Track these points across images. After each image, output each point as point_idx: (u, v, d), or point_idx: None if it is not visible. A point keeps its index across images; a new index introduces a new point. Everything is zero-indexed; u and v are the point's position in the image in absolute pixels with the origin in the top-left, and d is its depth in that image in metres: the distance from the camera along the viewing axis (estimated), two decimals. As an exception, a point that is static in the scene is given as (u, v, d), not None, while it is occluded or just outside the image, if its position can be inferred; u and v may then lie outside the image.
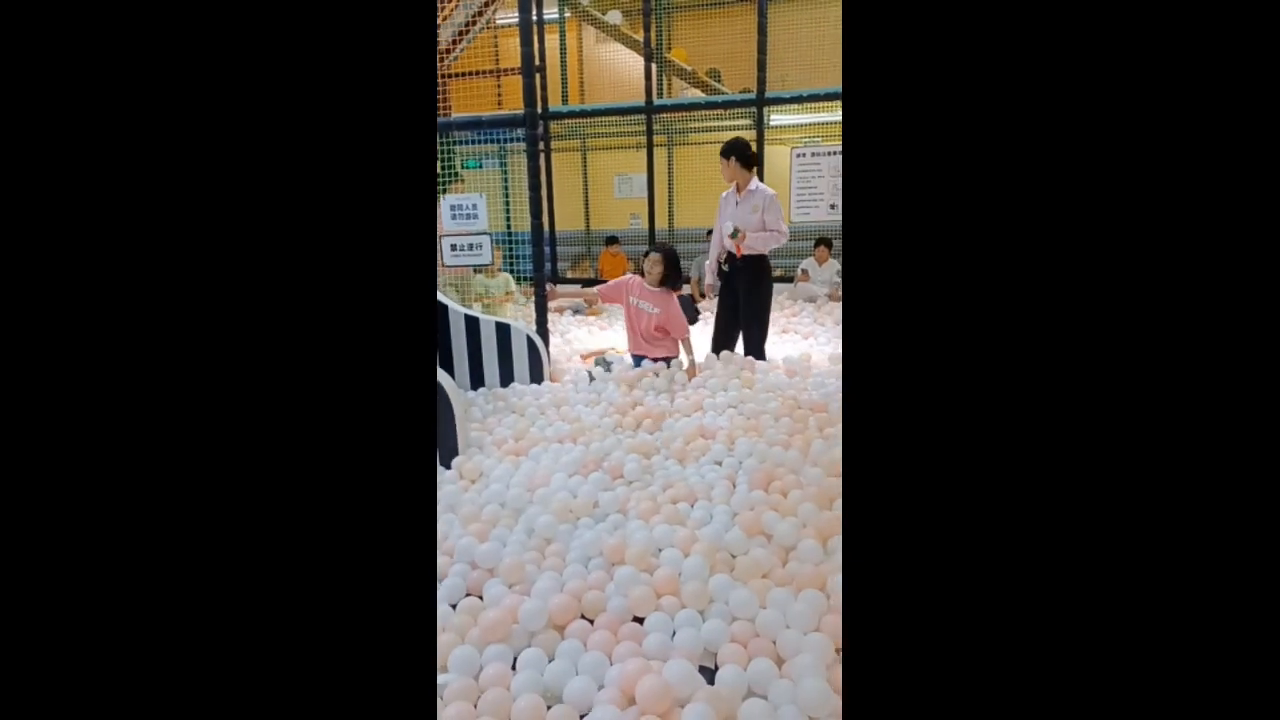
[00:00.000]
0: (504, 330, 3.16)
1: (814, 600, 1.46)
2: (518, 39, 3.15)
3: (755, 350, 3.40)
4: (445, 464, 2.33)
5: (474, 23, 5.10)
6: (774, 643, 1.40)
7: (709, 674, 1.35)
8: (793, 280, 5.77)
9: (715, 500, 1.98)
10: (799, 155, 5.35)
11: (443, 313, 3.13)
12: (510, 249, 4.33)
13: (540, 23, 6.09)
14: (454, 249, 3.27)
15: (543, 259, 3.38)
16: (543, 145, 5.61)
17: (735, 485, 2.07)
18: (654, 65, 6.40)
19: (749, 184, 3.30)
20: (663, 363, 3.22)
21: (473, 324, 3.14)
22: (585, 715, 1.23)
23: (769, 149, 5.84)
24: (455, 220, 3.25)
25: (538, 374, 3.18)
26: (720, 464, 2.21)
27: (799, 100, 6.24)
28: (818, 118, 7.28)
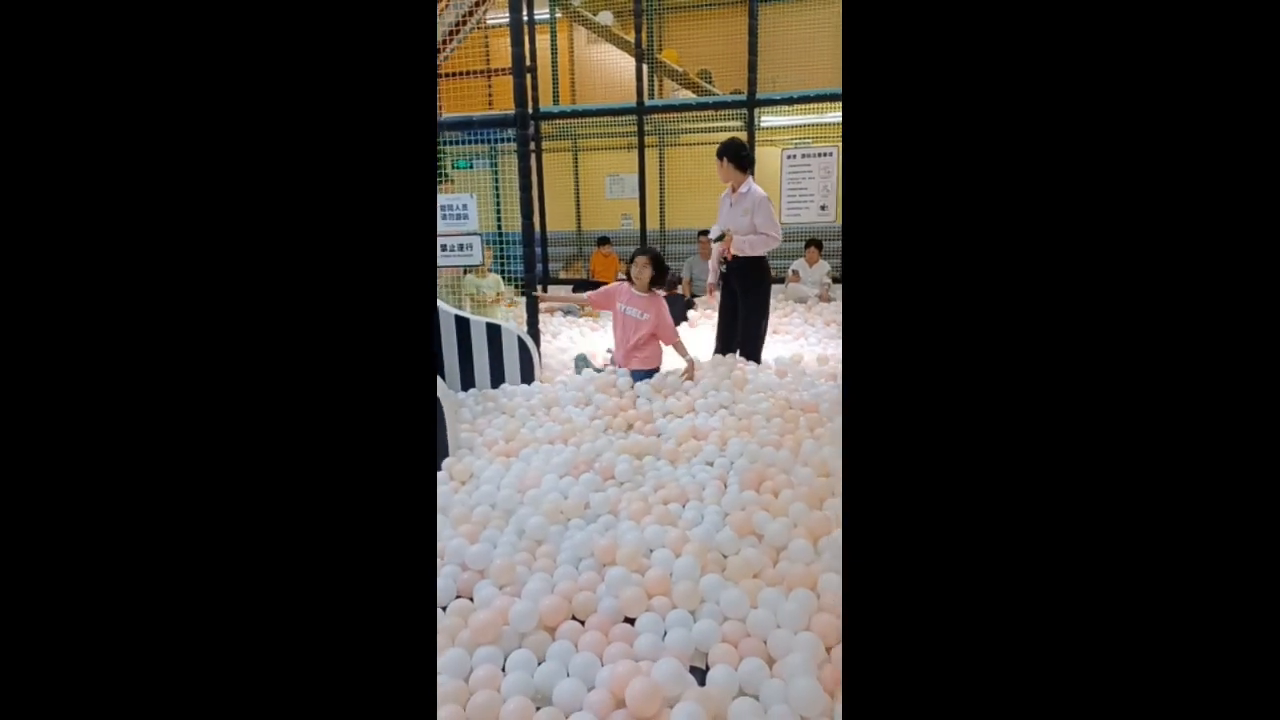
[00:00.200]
0: (494, 331, 3.14)
1: (805, 600, 1.47)
2: (508, 39, 3.14)
3: (748, 351, 3.41)
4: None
5: (464, 22, 5.09)
6: (765, 642, 1.40)
7: (700, 674, 1.34)
8: (784, 281, 5.79)
9: (706, 501, 1.98)
10: (789, 157, 5.37)
11: (433, 313, 3.12)
12: (501, 249, 4.32)
13: (531, 23, 6.08)
14: (444, 249, 3.25)
15: (534, 259, 3.37)
16: (534, 146, 5.60)
17: (726, 486, 2.07)
18: (645, 66, 6.40)
19: (742, 185, 3.30)
20: (647, 379, 3.04)
21: (463, 325, 3.12)
22: (570, 716, 1.22)
23: (760, 150, 5.86)
24: (445, 221, 3.24)
25: (529, 375, 3.17)
26: (712, 464, 2.21)
27: (789, 102, 6.26)
28: (808, 119, 7.31)
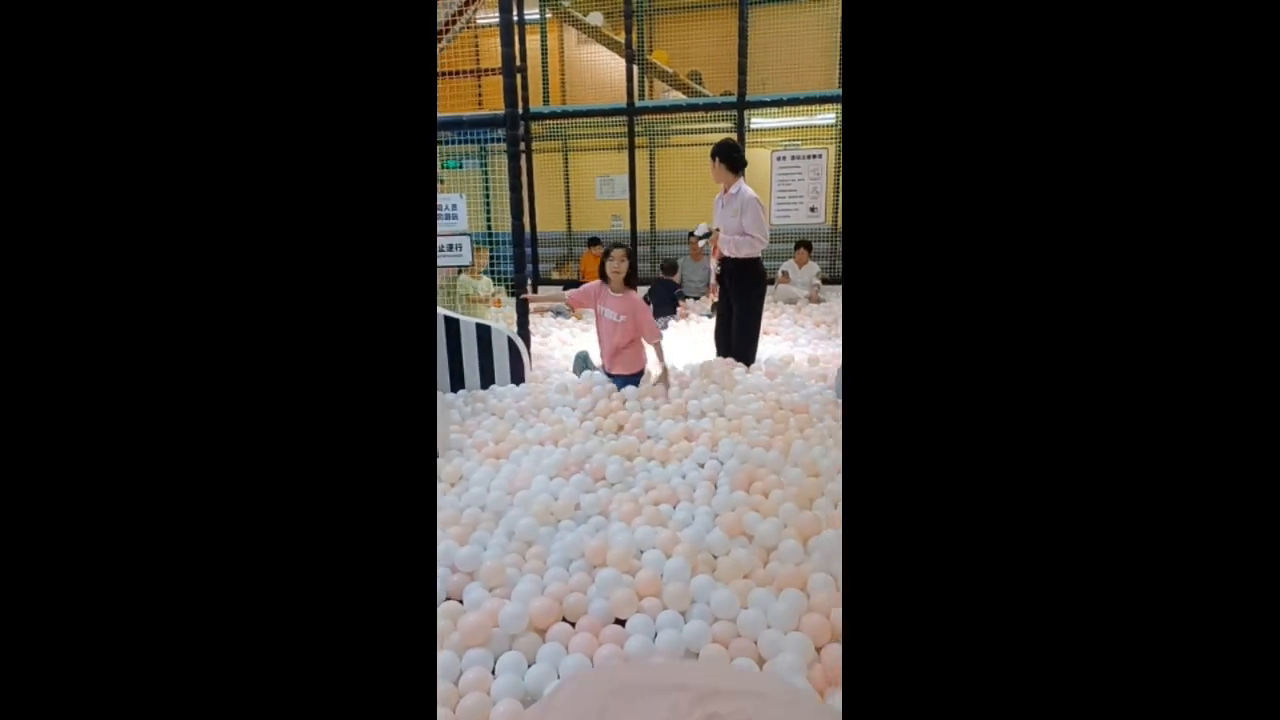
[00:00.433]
0: (484, 332, 3.13)
1: (795, 600, 1.47)
2: (498, 39, 3.13)
3: (740, 353, 3.41)
4: (425, 467, 2.30)
5: (454, 22, 5.07)
6: (755, 642, 1.41)
7: (691, 675, 1.34)
8: (773, 282, 5.81)
9: (697, 501, 1.98)
10: (779, 158, 5.39)
11: (422, 314, 3.09)
12: (491, 250, 4.31)
13: (521, 23, 6.07)
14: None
15: (524, 260, 3.36)
16: (524, 146, 5.59)
17: (717, 486, 2.07)
18: (635, 67, 6.41)
19: (733, 186, 3.31)
20: (630, 384, 2.96)
21: (453, 325, 3.11)
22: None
23: (750, 152, 5.87)
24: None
25: (519, 376, 3.16)
26: (703, 465, 2.21)
27: (779, 104, 6.29)
28: (798, 121, 7.34)
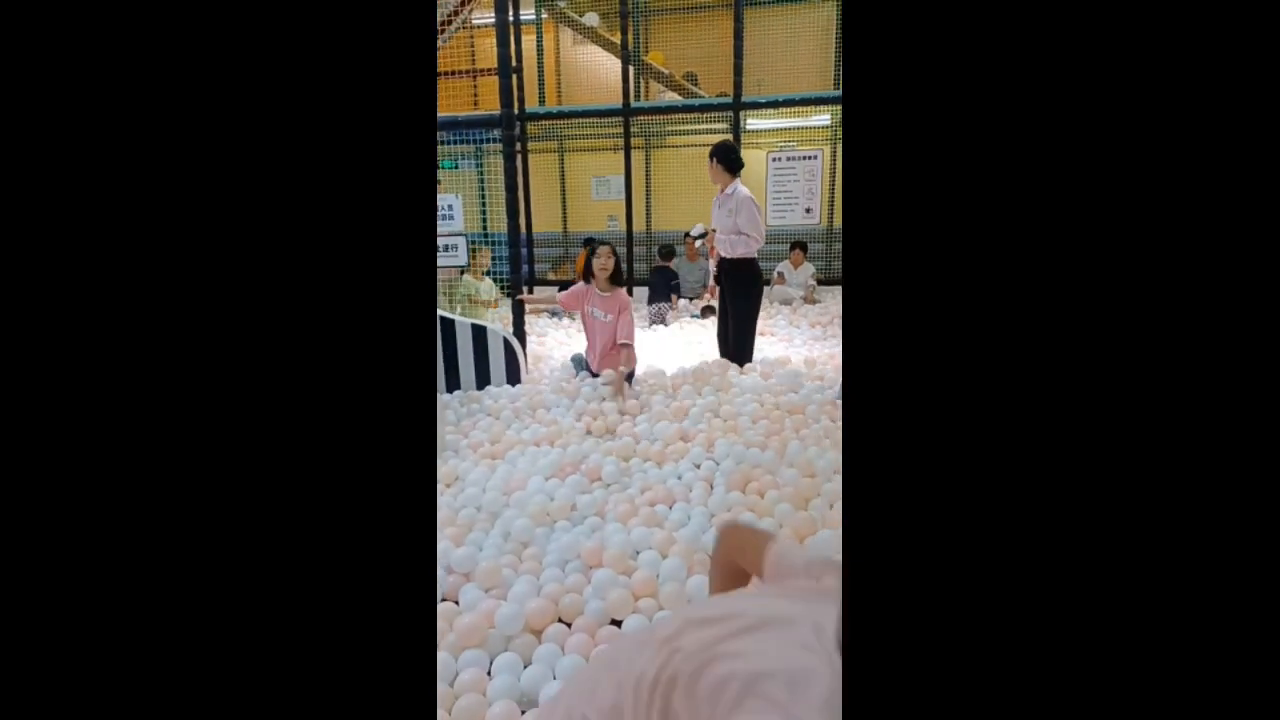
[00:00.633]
0: (480, 332, 3.13)
1: (791, 601, 1.47)
2: (494, 39, 3.13)
3: (734, 353, 3.42)
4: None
5: (449, 22, 5.06)
6: (751, 644, 1.41)
7: (687, 676, 1.34)
8: (769, 283, 5.82)
9: (693, 502, 1.98)
10: (774, 159, 5.39)
11: (418, 315, 3.08)
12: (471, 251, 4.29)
13: (517, 24, 6.07)
14: (429, 250, 3.22)
15: (519, 261, 3.36)
16: (519, 146, 5.58)
17: (713, 487, 2.07)
18: (631, 68, 6.41)
19: (728, 187, 3.33)
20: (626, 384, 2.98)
21: (448, 326, 3.10)
22: None
23: (745, 153, 5.88)
24: (430, 221, 3.21)
25: (514, 377, 3.15)
26: (699, 466, 2.21)
27: (775, 105, 6.30)
28: (793, 122, 7.36)
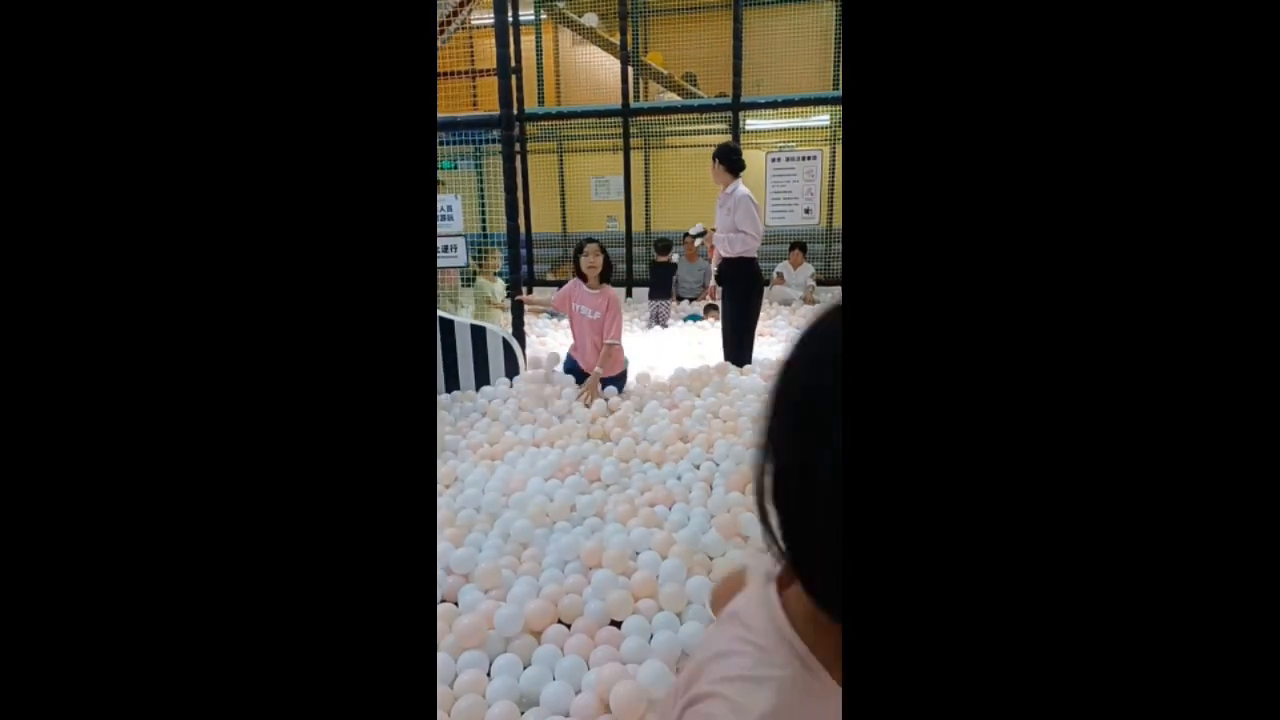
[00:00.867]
0: (479, 333, 3.12)
1: (791, 601, 1.47)
2: (493, 40, 3.13)
3: (732, 353, 3.42)
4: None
5: (449, 23, 5.06)
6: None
7: (687, 677, 1.34)
8: (769, 284, 5.82)
9: (693, 503, 1.98)
10: (774, 160, 5.39)
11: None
12: (476, 252, 4.30)
13: (516, 24, 6.07)
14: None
15: (519, 261, 3.36)
16: (519, 147, 5.58)
17: (712, 488, 2.07)
18: (630, 68, 6.41)
19: (728, 187, 3.38)
20: (613, 385, 2.98)
21: (447, 327, 3.10)
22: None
23: (744, 154, 5.88)
24: (430, 222, 3.21)
25: (514, 377, 3.15)
26: (698, 467, 2.21)
27: (774, 105, 6.30)
28: (793, 123, 7.36)
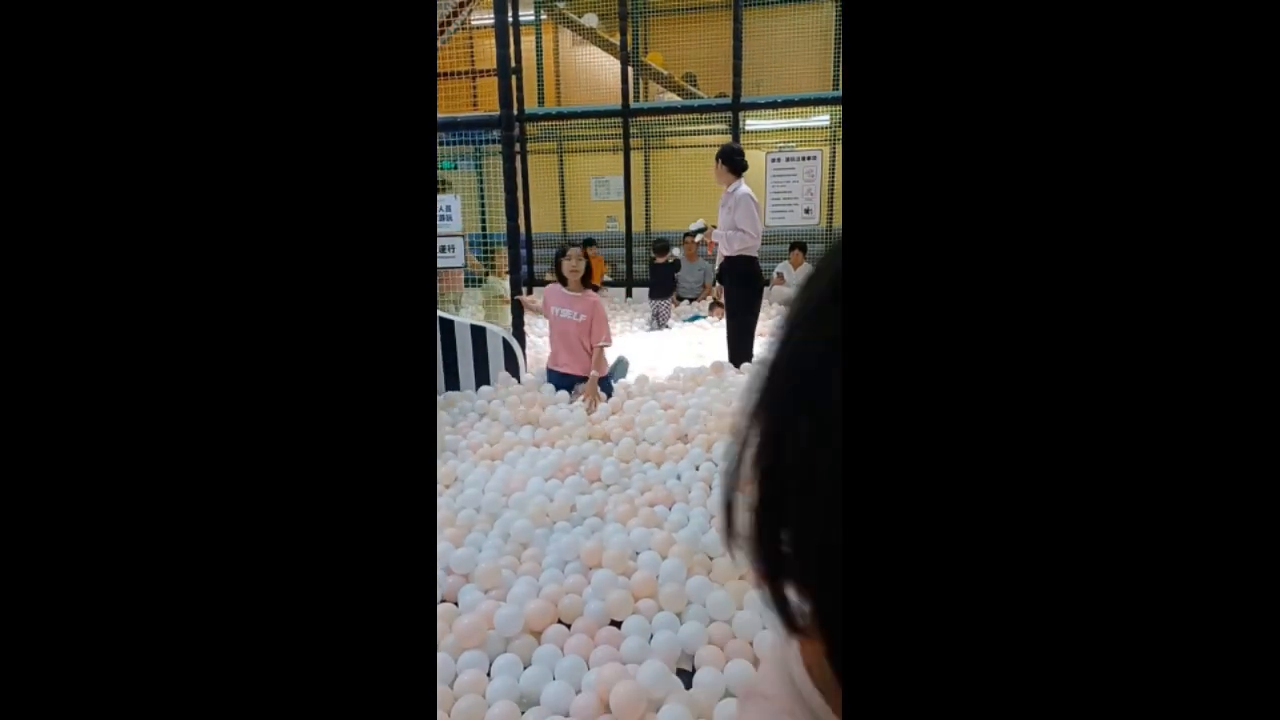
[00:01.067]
0: (479, 333, 3.13)
1: (790, 601, 1.47)
2: (493, 40, 3.13)
3: (732, 352, 3.43)
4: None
5: (449, 23, 5.06)
6: (751, 644, 1.41)
7: (686, 676, 1.34)
8: (769, 284, 5.83)
9: (692, 503, 1.98)
10: (774, 160, 5.40)
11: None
12: (482, 252, 4.31)
13: (516, 25, 6.07)
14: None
15: (519, 261, 3.36)
16: (519, 147, 5.59)
17: (712, 488, 2.07)
18: (630, 69, 6.41)
19: (730, 186, 3.41)
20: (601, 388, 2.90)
21: (447, 327, 3.10)
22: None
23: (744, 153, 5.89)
24: (429, 222, 3.21)
25: (514, 377, 3.15)
26: (698, 467, 2.21)
27: (774, 105, 6.31)
28: (793, 123, 7.37)
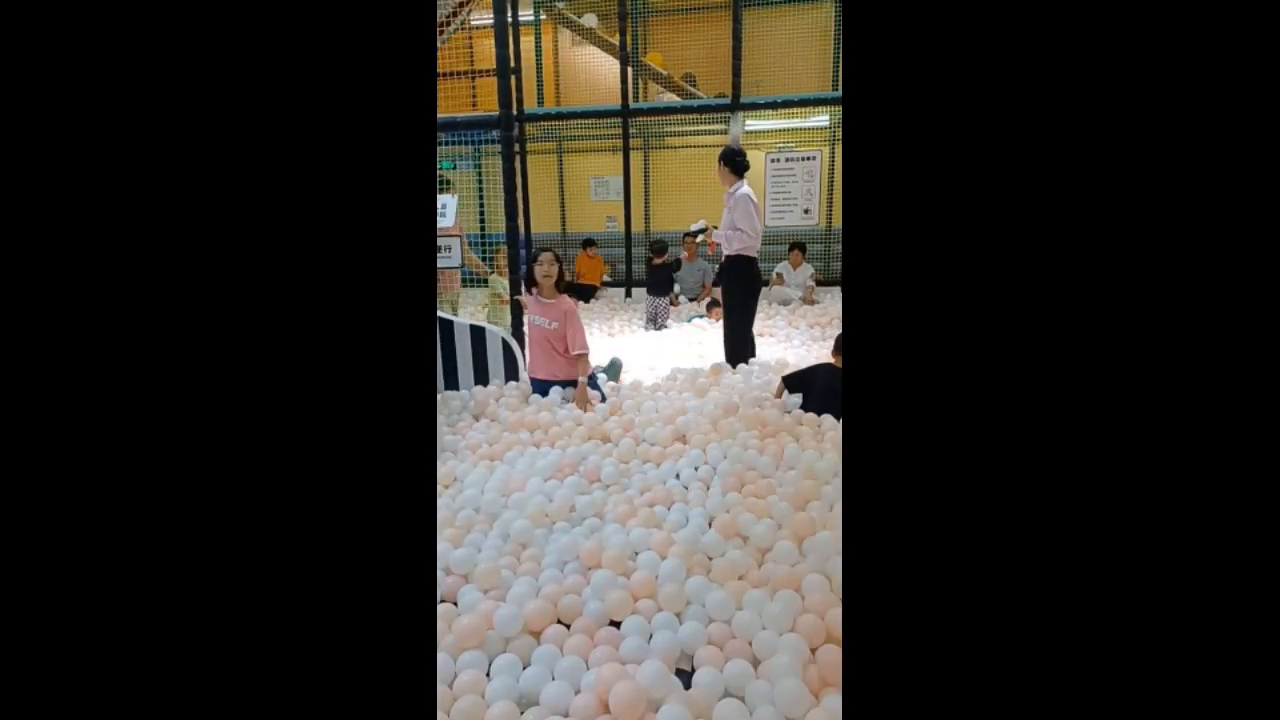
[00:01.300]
0: (479, 333, 3.12)
1: (790, 601, 1.47)
2: (493, 40, 3.13)
3: (728, 352, 3.44)
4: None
5: (449, 23, 5.06)
6: (750, 644, 1.41)
7: (686, 676, 1.34)
8: (768, 284, 5.82)
9: (692, 503, 1.98)
10: (773, 160, 5.39)
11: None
12: (484, 251, 4.31)
13: (516, 25, 6.06)
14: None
15: (518, 261, 3.36)
16: (518, 147, 5.58)
17: (710, 488, 2.07)
18: (630, 69, 6.41)
19: (730, 187, 3.45)
20: (571, 387, 2.91)
21: (446, 327, 3.10)
22: (561, 721, 1.22)
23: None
24: (428, 221, 3.20)
25: (513, 377, 3.15)
26: (697, 468, 2.21)
27: (774, 106, 6.30)
28: (792, 123, 7.37)
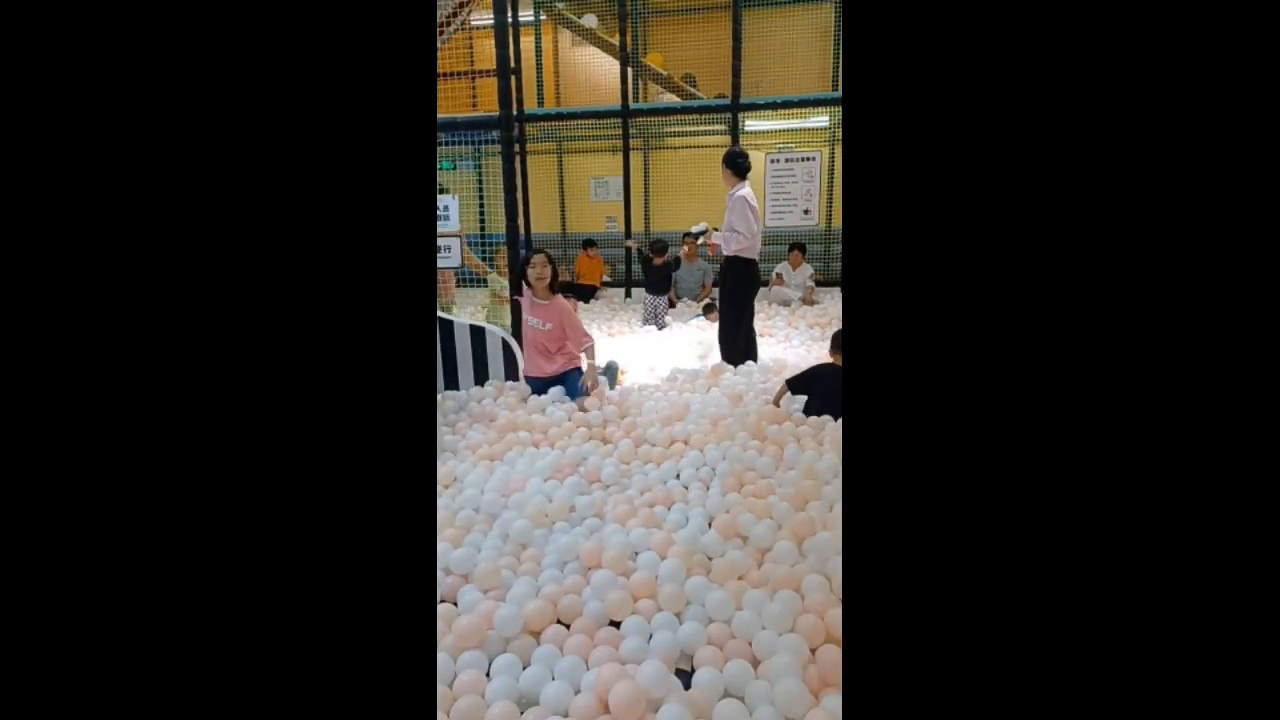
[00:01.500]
0: (478, 333, 3.12)
1: (789, 601, 1.47)
2: (493, 41, 3.13)
3: (724, 352, 3.46)
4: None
5: (449, 24, 5.07)
6: (750, 644, 1.41)
7: (686, 677, 1.34)
8: (767, 284, 5.82)
9: (691, 503, 1.98)
10: (773, 161, 5.40)
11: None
12: (484, 251, 4.31)
13: (516, 25, 6.07)
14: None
15: (518, 261, 3.36)
16: (518, 148, 5.58)
17: (709, 488, 2.07)
18: (630, 69, 6.41)
19: (731, 188, 3.48)
20: (569, 382, 2.95)
21: (446, 327, 3.10)
22: (561, 721, 1.22)
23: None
24: (428, 221, 3.20)
25: (513, 377, 3.15)
26: (697, 469, 2.21)
27: (773, 106, 6.31)
28: (792, 124, 7.37)
